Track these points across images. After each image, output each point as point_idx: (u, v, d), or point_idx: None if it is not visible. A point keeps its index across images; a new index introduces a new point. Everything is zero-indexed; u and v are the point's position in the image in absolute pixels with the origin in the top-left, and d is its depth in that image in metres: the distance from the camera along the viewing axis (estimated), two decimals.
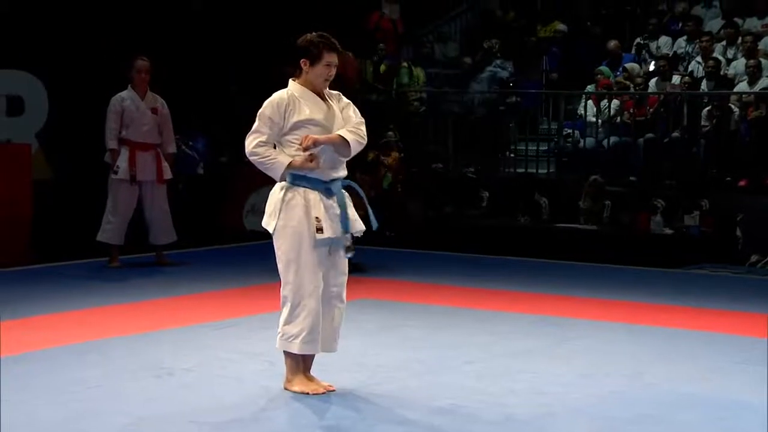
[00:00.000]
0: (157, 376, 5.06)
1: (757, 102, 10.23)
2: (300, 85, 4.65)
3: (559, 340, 6.09)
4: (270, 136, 4.61)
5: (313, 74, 4.61)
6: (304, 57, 4.61)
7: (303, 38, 4.67)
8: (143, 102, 8.70)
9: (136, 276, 8.35)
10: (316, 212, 4.55)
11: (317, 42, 4.61)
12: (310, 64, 4.60)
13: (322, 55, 4.59)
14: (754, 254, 9.32)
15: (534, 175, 11.03)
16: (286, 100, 4.61)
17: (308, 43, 4.62)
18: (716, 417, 4.53)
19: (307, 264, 4.56)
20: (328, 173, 4.60)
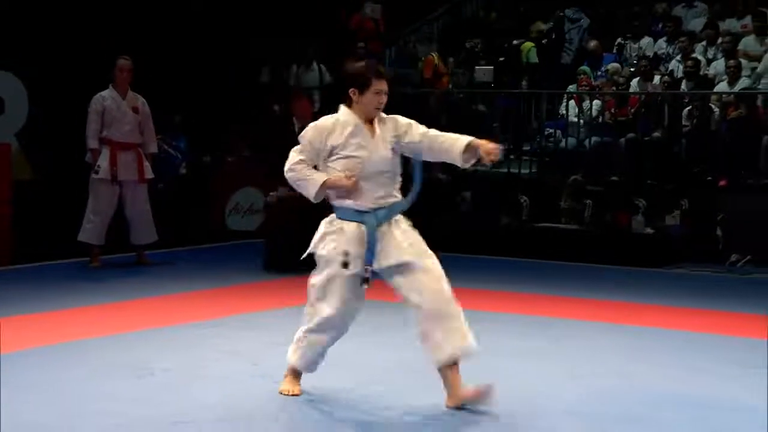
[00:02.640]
0: (139, 376, 5.03)
1: (737, 102, 10.30)
2: (350, 112, 4.54)
3: (545, 340, 6.11)
4: (309, 158, 4.54)
5: (362, 103, 4.52)
6: (352, 86, 4.50)
7: (350, 66, 4.60)
8: (124, 101, 8.67)
9: (117, 276, 8.31)
10: (347, 246, 4.48)
11: (365, 70, 4.53)
12: (359, 93, 4.50)
13: (370, 83, 4.49)
14: (734, 254, 9.37)
15: (515, 174, 11.05)
16: (329, 128, 4.51)
17: (356, 72, 4.53)
18: (701, 416, 4.55)
19: (332, 295, 4.52)
20: (365, 203, 4.50)
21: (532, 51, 12.22)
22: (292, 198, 8.61)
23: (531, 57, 12.22)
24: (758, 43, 11.19)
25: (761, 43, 11.17)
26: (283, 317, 6.70)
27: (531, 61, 12.19)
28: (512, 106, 11.66)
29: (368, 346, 5.77)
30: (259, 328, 6.28)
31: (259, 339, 5.94)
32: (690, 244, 9.72)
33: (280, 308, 7.02)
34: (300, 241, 8.69)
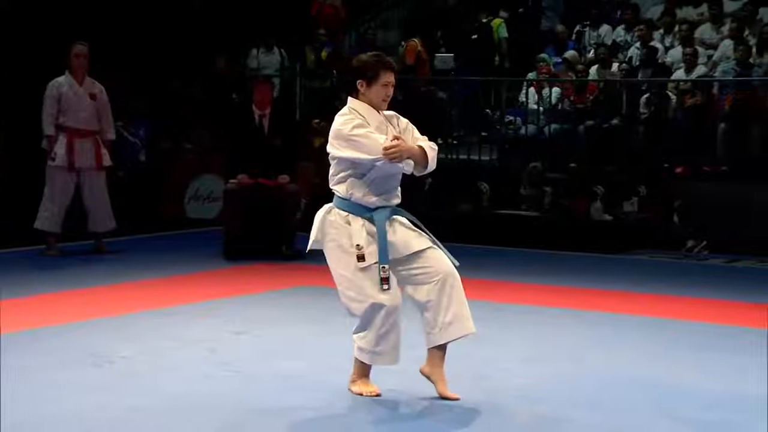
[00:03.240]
0: (96, 364, 5.00)
1: (694, 89, 10.41)
2: (361, 102, 4.51)
3: (500, 326, 6.14)
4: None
5: (370, 95, 4.49)
6: (360, 78, 4.48)
7: (358, 59, 4.56)
8: (81, 88, 8.56)
9: (75, 264, 8.23)
10: (358, 239, 4.42)
11: (373, 62, 4.49)
12: (366, 85, 4.47)
13: (378, 75, 4.47)
14: (690, 240, 9.49)
15: (475, 161, 11.10)
16: (360, 118, 4.44)
17: (364, 64, 4.50)
18: (656, 399, 4.61)
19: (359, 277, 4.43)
20: (374, 200, 4.47)
21: (501, 26, 12.25)
22: (251, 185, 8.60)
23: (501, 32, 12.27)
24: (714, 31, 11.32)
25: (717, 31, 11.30)
26: (242, 305, 6.70)
27: (502, 36, 12.24)
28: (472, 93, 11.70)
29: (324, 333, 5.78)
30: (218, 316, 6.26)
31: (217, 327, 5.93)
32: (647, 231, 9.83)
33: (239, 296, 7.01)
34: (259, 229, 8.75)
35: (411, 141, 4.52)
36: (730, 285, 7.83)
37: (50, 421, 4.13)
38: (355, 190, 4.46)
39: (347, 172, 4.47)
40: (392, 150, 4.37)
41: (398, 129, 4.56)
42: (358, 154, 4.39)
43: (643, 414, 4.39)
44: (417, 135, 4.59)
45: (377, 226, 4.45)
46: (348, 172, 4.47)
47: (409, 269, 4.49)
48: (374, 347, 4.48)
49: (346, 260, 4.44)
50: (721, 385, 4.86)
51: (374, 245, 4.43)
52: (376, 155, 4.38)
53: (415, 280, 4.50)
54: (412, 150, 4.46)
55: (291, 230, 8.58)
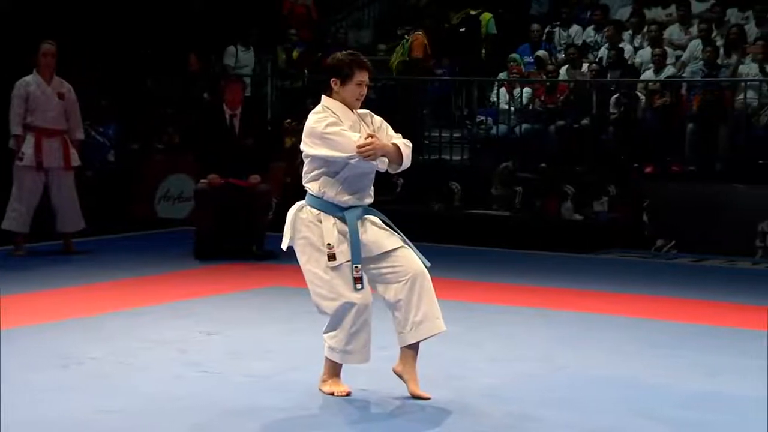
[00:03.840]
0: (65, 366, 4.96)
1: (663, 90, 10.49)
2: (335, 101, 4.49)
3: (470, 326, 6.15)
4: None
5: (344, 93, 4.48)
6: (334, 76, 4.46)
7: (333, 57, 4.53)
8: (49, 87, 8.49)
9: (43, 264, 8.16)
10: (329, 238, 4.40)
11: (348, 61, 4.47)
12: (340, 84, 4.46)
13: (353, 73, 4.45)
14: (659, 239, 9.56)
15: (447, 161, 11.12)
16: (334, 116, 4.44)
17: (338, 62, 4.48)
18: (626, 398, 4.63)
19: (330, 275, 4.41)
20: (346, 199, 4.46)
21: (491, 22, 12.24)
22: (222, 185, 8.56)
23: (490, 28, 12.28)
24: (682, 31, 11.41)
25: (685, 32, 11.40)
26: (213, 305, 6.67)
27: (490, 32, 12.25)
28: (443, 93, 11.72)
29: (295, 333, 5.77)
30: (189, 317, 6.23)
31: (188, 327, 5.89)
32: (617, 230, 9.90)
33: (210, 296, 6.98)
34: (230, 229, 8.71)
35: (385, 139, 4.51)
36: (699, 284, 7.89)
37: (18, 424, 4.08)
38: (328, 189, 4.45)
39: (320, 170, 4.46)
40: (366, 148, 4.37)
41: (372, 127, 4.55)
42: (331, 152, 4.39)
43: (615, 413, 4.41)
44: (391, 133, 4.59)
45: (349, 225, 4.44)
46: (321, 170, 4.46)
47: (380, 268, 4.49)
48: (345, 346, 4.47)
49: (317, 258, 4.43)
50: (693, 384, 4.89)
51: (345, 244, 4.42)
52: (350, 153, 4.37)
53: (385, 279, 4.50)
54: (386, 148, 4.45)
55: (262, 230, 8.55)
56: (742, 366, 5.25)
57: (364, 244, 4.45)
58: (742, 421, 4.33)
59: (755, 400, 4.60)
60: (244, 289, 7.30)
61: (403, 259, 4.50)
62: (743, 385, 4.85)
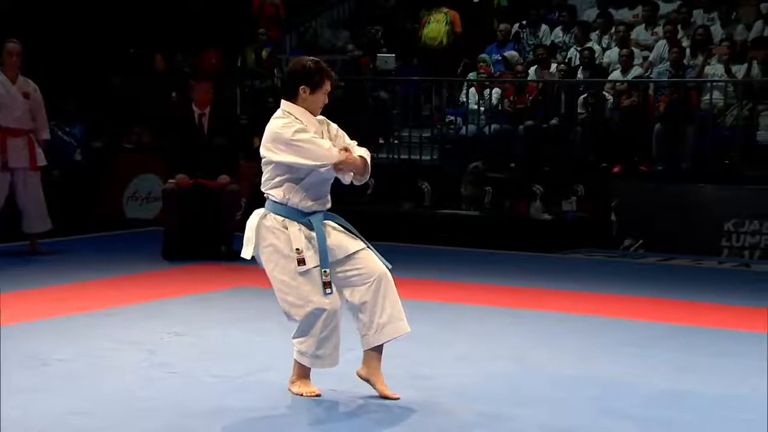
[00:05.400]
0: (33, 367, 4.91)
1: (630, 90, 10.57)
2: (298, 107, 4.46)
3: (439, 325, 6.17)
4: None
5: (311, 101, 4.46)
6: (303, 84, 4.43)
7: (299, 63, 4.48)
8: (14, 86, 8.41)
9: (9, 265, 8.07)
10: (297, 243, 4.38)
11: (319, 69, 4.46)
12: (310, 92, 4.44)
13: (323, 83, 4.45)
14: (627, 238, 9.63)
15: (417, 161, 11.13)
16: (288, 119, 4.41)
17: (309, 70, 4.44)
18: (596, 397, 4.65)
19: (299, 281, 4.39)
20: (310, 205, 4.44)
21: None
22: (190, 185, 8.51)
23: (503, 1, 12.25)
24: (649, 32, 11.51)
25: (652, 32, 11.49)
26: (182, 305, 6.63)
27: (503, 4, 12.20)
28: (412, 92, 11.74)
29: (263, 333, 5.75)
30: (157, 317, 6.19)
31: (156, 328, 5.86)
32: (586, 230, 9.96)
33: (179, 296, 6.94)
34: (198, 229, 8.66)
35: (341, 146, 4.50)
36: (666, 284, 7.95)
37: None
38: (292, 195, 4.43)
39: (283, 177, 4.44)
40: (345, 164, 4.38)
41: (330, 135, 4.54)
42: (300, 160, 4.36)
43: (585, 412, 4.43)
44: (348, 141, 4.57)
45: (317, 230, 4.43)
46: (284, 177, 4.43)
47: (345, 271, 4.48)
48: (315, 351, 4.46)
49: (284, 265, 4.40)
50: (662, 382, 4.92)
51: (312, 250, 4.41)
52: (322, 161, 4.36)
53: (350, 282, 4.49)
54: (356, 162, 4.45)
55: (231, 230, 8.51)
56: (710, 364, 5.30)
57: (329, 248, 4.44)
58: (710, 419, 4.36)
59: (723, 398, 4.64)
60: (213, 290, 7.27)
61: (366, 261, 4.50)
62: (712, 384, 4.90)
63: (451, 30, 12.17)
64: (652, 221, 9.66)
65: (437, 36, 12.23)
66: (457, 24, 12.22)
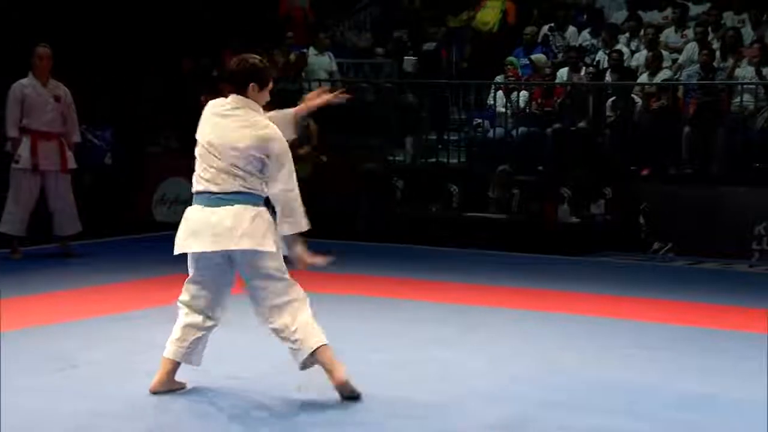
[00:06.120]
0: (61, 369, 4.95)
1: (659, 93, 10.49)
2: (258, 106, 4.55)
3: (467, 328, 6.16)
4: None
5: (260, 98, 4.55)
6: (252, 81, 4.51)
7: (248, 62, 4.55)
8: (45, 89, 8.49)
9: (40, 267, 8.16)
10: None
11: (267, 68, 4.58)
12: (259, 89, 4.53)
13: (269, 80, 4.58)
14: (656, 242, 9.57)
15: (445, 164, 11.12)
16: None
17: (257, 69, 4.54)
18: (622, 400, 4.64)
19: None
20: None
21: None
22: None
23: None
24: (679, 34, 11.42)
25: (681, 35, 11.41)
26: None
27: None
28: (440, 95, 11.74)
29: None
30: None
31: None
32: (614, 233, 9.90)
33: None
34: None
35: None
36: (695, 287, 7.89)
37: (12, 428, 4.08)
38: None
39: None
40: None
41: None
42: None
43: (611, 414, 4.41)
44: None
45: None
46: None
47: None
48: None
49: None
50: (688, 385, 4.90)
51: None
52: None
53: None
54: None
55: None
56: (737, 368, 5.25)
57: None
58: (736, 422, 4.33)
59: (750, 402, 4.60)
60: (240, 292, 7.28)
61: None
62: (738, 387, 4.86)
63: (504, 19, 12.12)
64: (681, 224, 9.59)
65: (489, 21, 12.24)
66: (510, 14, 12.17)
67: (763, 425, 4.28)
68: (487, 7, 12.25)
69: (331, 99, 4.80)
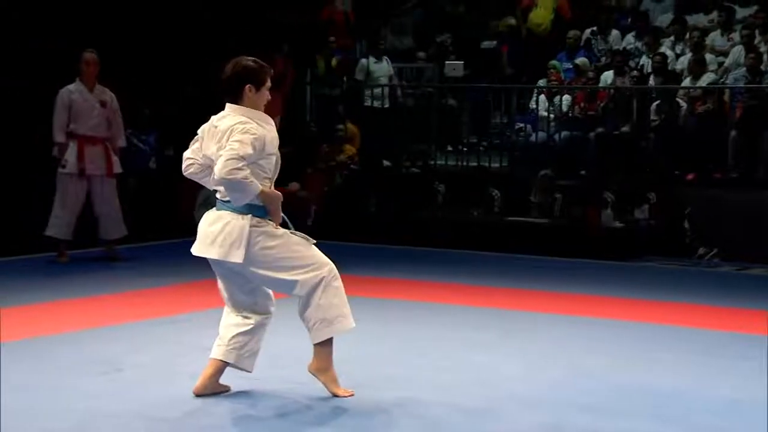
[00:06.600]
0: (106, 372, 5.01)
1: (704, 96, 10.38)
2: (247, 108, 4.57)
3: (508, 333, 6.15)
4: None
5: (258, 99, 4.58)
6: (248, 83, 4.55)
7: (239, 65, 4.57)
8: (91, 95, 8.61)
9: (86, 271, 8.26)
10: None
11: (260, 67, 4.59)
12: (256, 90, 4.57)
13: (266, 80, 4.60)
14: (701, 247, 9.46)
15: (486, 168, 11.10)
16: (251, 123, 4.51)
17: (252, 70, 4.57)
18: (658, 406, 4.60)
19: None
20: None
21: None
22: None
23: None
24: (725, 38, 11.29)
25: (728, 37, 11.27)
26: None
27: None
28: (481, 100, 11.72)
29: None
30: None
31: None
32: (658, 238, 9.81)
33: None
34: None
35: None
36: (740, 293, 7.80)
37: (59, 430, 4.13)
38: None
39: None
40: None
41: None
42: None
43: (645, 419, 4.37)
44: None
45: None
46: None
47: None
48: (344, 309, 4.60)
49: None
50: (725, 391, 4.85)
51: None
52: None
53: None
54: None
55: None
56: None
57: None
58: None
59: None
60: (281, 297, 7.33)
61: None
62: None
63: (557, 17, 12.06)
64: (726, 229, 9.48)
65: (542, 22, 12.21)
66: (564, 10, 12.12)
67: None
68: (539, 7, 12.21)
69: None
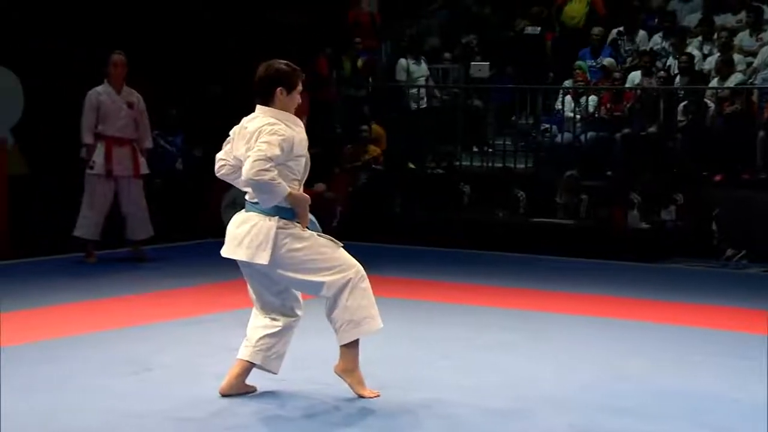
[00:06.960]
0: (134, 372, 5.04)
1: (732, 97, 10.30)
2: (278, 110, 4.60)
3: (534, 334, 6.13)
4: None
5: (289, 102, 4.60)
6: (280, 85, 4.58)
7: (272, 68, 4.60)
8: (119, 96, 8.67)
9: (113, 271, 8.32)
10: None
11: (292, 70, 4.61)
12: (287, 93, 4.58)
13: (297, 83, 4.62)
14: (729, 248, 9.39)
15: (512, 169, 11.07)
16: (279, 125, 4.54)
17: (284, 73, 4.59)
18: (690, 408, 4.58)
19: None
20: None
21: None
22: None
23: None
24: (753, 38, 11.20)
25: (756, 38, 11.18)
26: None
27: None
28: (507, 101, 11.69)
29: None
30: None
31: None
32: (685, 239, 9.74)
33: None
34: None
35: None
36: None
37: (86, 429, 4.17)
38: None
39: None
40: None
41: None
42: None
43: (680, 423, 4.35)
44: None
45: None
46: None
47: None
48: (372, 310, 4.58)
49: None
50: (761, 395, 4.79)
51: None
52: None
53: None
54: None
55: None
56: None
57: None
58: None
59: None
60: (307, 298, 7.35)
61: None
62: None
63: (591, 11, 12.03)
64: (755, 231, 9.40)
65: (576, 16, 12.19)
66: (599, 5, 12.10)
67: None
68: (574, 1, 12.18)
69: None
